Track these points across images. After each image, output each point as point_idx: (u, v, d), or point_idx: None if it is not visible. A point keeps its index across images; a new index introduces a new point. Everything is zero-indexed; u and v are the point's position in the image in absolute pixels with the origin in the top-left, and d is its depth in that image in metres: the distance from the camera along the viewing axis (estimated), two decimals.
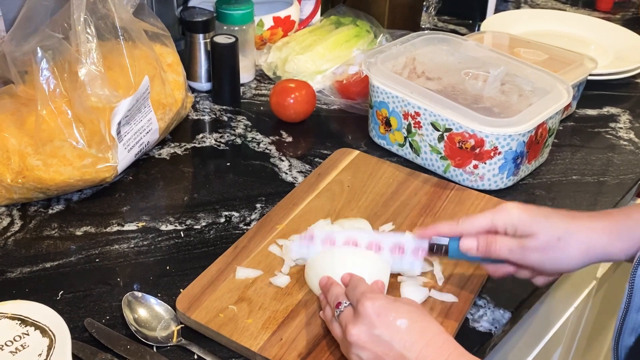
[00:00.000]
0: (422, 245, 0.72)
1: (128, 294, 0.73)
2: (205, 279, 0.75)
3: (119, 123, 0.87)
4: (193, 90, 1.18)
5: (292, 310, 0.72)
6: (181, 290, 0.74)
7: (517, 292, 0.78)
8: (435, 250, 0.71)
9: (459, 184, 0.95)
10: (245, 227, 0.86)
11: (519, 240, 0.66)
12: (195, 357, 0.68)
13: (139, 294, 0.73)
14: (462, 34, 1.31)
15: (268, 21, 1.26)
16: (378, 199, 0.90)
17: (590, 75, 1.14)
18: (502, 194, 0.94)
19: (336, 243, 0.73)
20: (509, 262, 0.69)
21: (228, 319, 0.70)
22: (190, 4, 1.25)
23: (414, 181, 0.94)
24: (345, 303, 0.64)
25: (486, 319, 0.74)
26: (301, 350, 0.67)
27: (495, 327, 0.74)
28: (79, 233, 0.85)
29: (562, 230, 0.65)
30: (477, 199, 0.90)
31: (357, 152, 1.00)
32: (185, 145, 1.04)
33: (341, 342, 0.64)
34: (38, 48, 0.83)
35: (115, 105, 0.86)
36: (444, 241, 0.70)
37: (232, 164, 1.00)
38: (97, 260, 0.80)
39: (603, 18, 1.50)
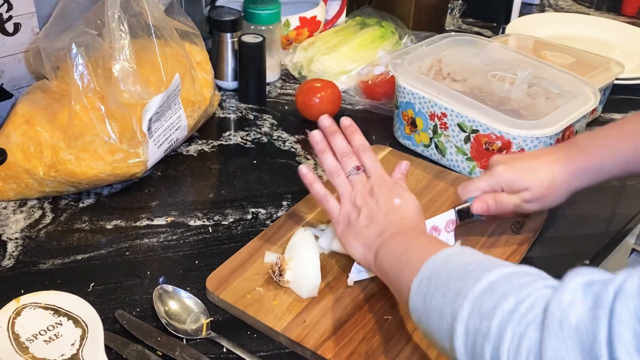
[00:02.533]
0: (452, 218, 0.81)
1: (159, 286, 0.74)
2: (235, 261, 0.78)
3: (150, 119, 0.88)
4: (220, 88, 1.19)
5: (317, 295, 0.74)
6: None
7: None
8: (462, 216, 0.81)
9: None
10: (271, 223, 0.87)
11: (519, 196, 0.78)
12: (224, 350, 0.69)
13: (170, 287, 0.74)
14: (487, 37, 1.31)
15: (294, 21, 1.27)
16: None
17: (616, 79, 1.13)
18: None
19: None
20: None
21: (254, 300, 0.73)
22: (218, 3, 1.26)
23: (444, 179, 0.94)
24: (361, 170, 0.76)
25: None
26: (323, 333, 0.69)
27: None
28: (109, 226, 0.86)
29: (548, 179, 0.77)
30: None
31: (389, 148, 1.01)
32: (212, 143, 1.05)
33: (347, 194, 0.75)
34: (73, 44, 0.85)
35: (147, 102, 0.87)
36: (466, 205, 0.80)
37: (258, 162, 1.01)
38: (127, 253, 0.82)
39: (628, 22, 1.50)
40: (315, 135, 0.79)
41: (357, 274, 0.76)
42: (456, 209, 0.81)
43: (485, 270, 0.53)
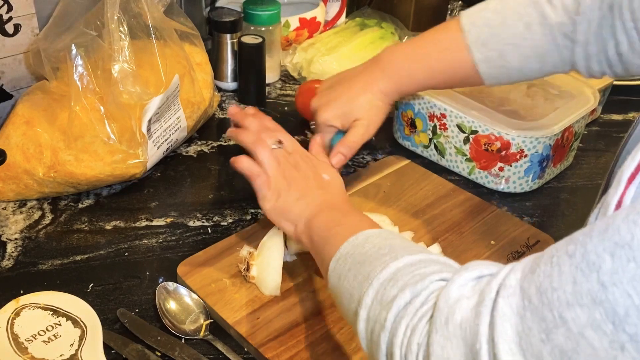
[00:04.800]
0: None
1: (161, 285, 0.74)
2: (214, 250, 0.80)
3: (150, 120, 0.89)
4: (219, 89, 1.19)
5: (279, 295, 0.75)
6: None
7: None
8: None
9: (484, 187, 0.95)
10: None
11: (357, 125, 0.84)
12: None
13: (172, 286, 0.74)
14: None
15: (294, 22, 1.27)
16: (410, 208, 0.89)
17: (616, 80, 1.13)
18: (527, 196, 0.94)
19: None
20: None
21: (218, 290, 0.75)
22: (218, 4, 1.27)
23: (454, 197, 0.91)
24: (282, 145, 0.77)
25: None
26: (271, 332, 0.70)
27: None
28: (108, 227, 0.86)
29: (368, 104, 0.83)
30: (513, 226, 0.87)
31: (407, 161, 0.99)
32: (211, 144, 1.05)
33: (274, 167, 0.75)
34: (73, 45, 0.85)
35: (146, 103, 0.87)
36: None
37: None
38: (126, 254, 0.82)
39: None
40: (232, 114, 0.84)
41: None
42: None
43: (395, 256, 0.54)
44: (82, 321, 0.70)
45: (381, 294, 0.51)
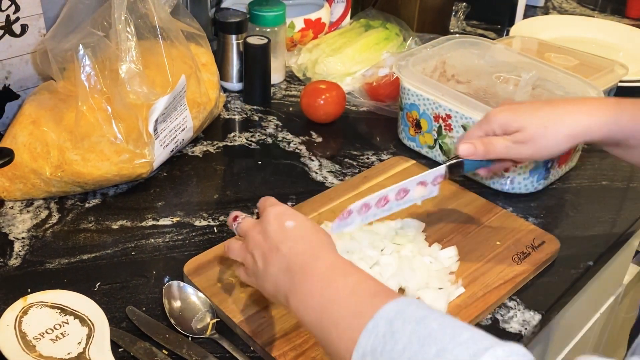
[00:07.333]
0: (441, 173, 0.77)
1: (167, 284, 0.74)
2: (220, 250, 0.79)
3: (156, 120, 0.89)
4: (225, 90, 1.20)
5: None
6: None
7: (547, 295, 0.79)
8: (452, 171, 0.78)
9: (489, 187, 0.95)
10: None
11: (512, 137, 0.72)
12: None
13: (179, 284, 0.75)
14: (491, 39, 1.32)
15: (299, 23, 1.27)
16: (416, 209, 0.88)
17: (620, 81, 1.14)
18: (532, 197, 0.95)
19: (370, 205, 0.73)
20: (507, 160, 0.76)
21: (224, 289, 0.75)
22: (224, 5, 1.27)
23: (460, 198, 0.91)
24: (242, 216, 0.68)
25: (516, 320, 0.75)
26: (278, 331, 0.70)
27: (525, 329, 0.74)
28: (115, 226, 0.87)
29: (547, 119, 0.70)
30: (519, 227, 0.86)
31: (412, 161, 0.99)
32: (217, 144, 1.05)
33: (239, 251, 0.66)
34: (80, 45, 0.85)
35: (153, 103, 0.88)
36: (458, 160, 0.77)
37: (263, 163, 1.01)
38: (133, 253, 0.82)
39: (632, 25, 1.50)
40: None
41: (339, 226, 0.70)
42: (447, 164, 0.77)
43: (447, 353, 0.45)
44: (89, 319, 0.70)
45: None
